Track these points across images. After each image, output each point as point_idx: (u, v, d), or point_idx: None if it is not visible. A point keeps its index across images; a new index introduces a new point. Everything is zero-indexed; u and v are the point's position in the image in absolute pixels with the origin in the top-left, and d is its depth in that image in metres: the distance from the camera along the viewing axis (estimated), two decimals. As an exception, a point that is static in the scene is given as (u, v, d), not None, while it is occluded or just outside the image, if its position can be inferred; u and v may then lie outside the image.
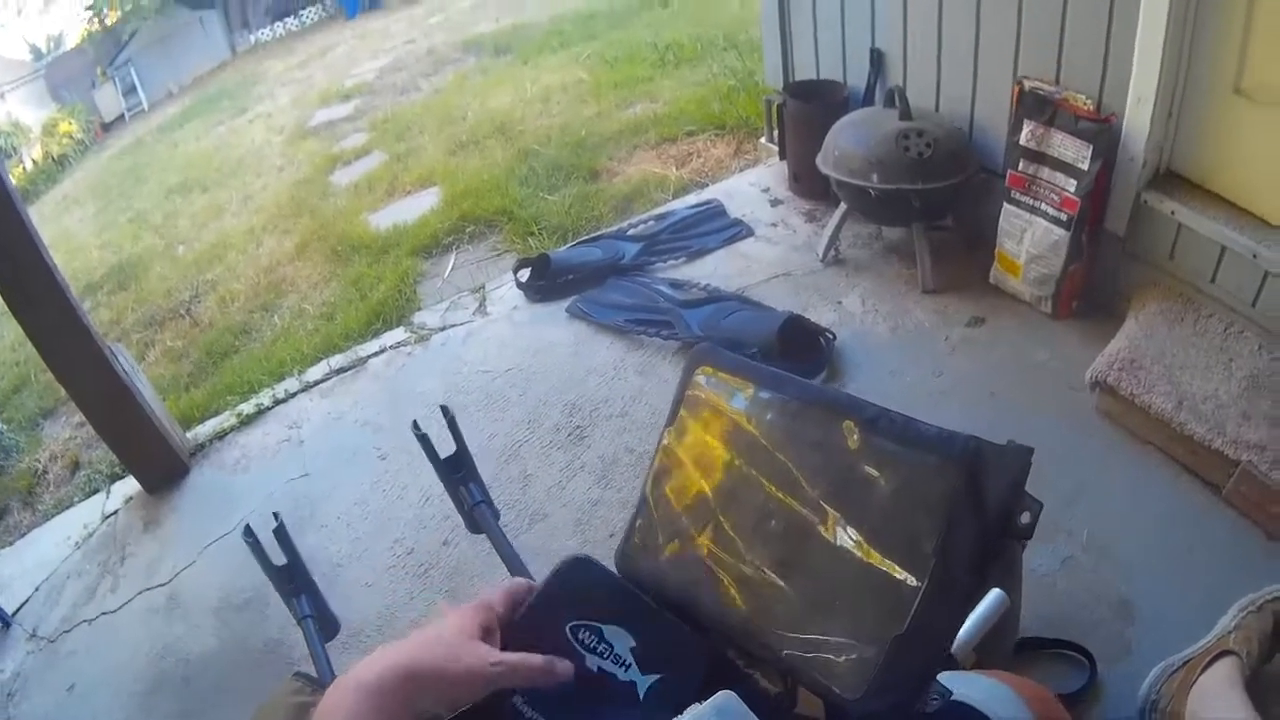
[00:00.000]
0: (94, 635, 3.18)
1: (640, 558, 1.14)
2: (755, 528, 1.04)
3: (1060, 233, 3.12)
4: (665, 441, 1.18)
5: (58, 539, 3.74)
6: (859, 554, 0.96)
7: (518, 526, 3.00)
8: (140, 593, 3.26)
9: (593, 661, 1.00)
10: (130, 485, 3.83)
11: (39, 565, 3.61)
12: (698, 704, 0.90)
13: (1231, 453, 2.47)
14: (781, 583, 1.00)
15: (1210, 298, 2.92)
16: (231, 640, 2.95)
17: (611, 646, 1.01)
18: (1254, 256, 2.68)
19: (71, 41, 19.42)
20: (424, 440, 1.56)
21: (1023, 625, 2.19)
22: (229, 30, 19.54)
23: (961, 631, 1.21)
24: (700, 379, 1.16)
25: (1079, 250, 3.14)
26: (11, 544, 3.97)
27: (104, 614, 3.23)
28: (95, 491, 4.03)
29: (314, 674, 1.72)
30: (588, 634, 1.01)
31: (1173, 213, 2.89)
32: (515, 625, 1.00)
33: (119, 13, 18.55)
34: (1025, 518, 0.90)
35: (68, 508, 4.03)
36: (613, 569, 1.09)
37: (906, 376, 3.27)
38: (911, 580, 0.92)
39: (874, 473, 0.98)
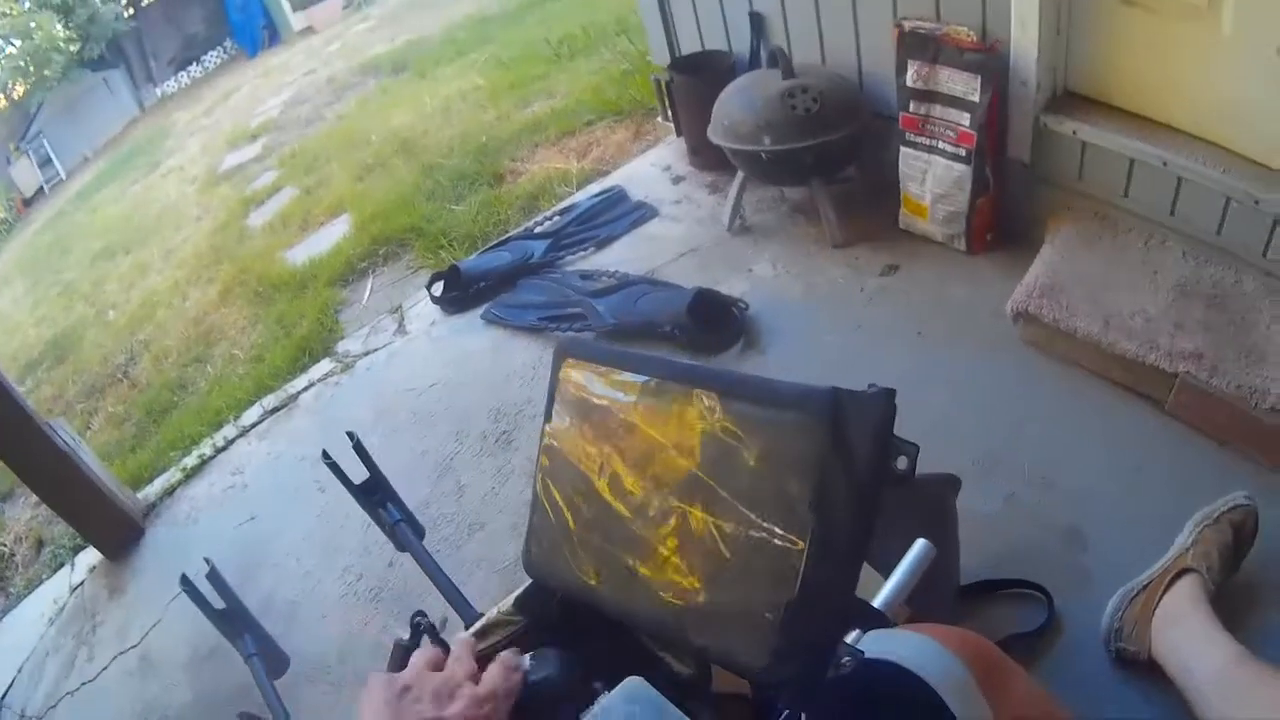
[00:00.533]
0: (78, 706, 3.24)
1: (543, 560, 1.20)
2: (641, 512, 1.07)
3: (961, 168, 3.11)
4: (546, 440, 1.22)
5: (32, 618, 3.80)
6: (741, 524, 0.97)
7: (458, 538, 3.06)
8: (115, 658, 3.32)
9: None
10: (92, 554, 3.89)
11: (18, 647, 3.66)
12: (606, 693, 0.95)
13: (1168, 365, 2.45)
14: (676, 564, 1.02)
15: (1126, 212, 2.89)
16: (205, 691, 3.02)
17: None
18: (1164, 164, 2.64)
19: (-20, 122, 19.18)
20: (335, 469, 1.60)
21: (971, 568, 2.19)
22: (134, 87, 19.29)
23: (887, 587, 1.26)
24: (569, 372, 1.20)
25: (984, 183, 3.12)
26: (-9, 631, 4.02)
27: (84, 684, 3.29)
28: (61, 566, 4.07)
29: (265, 711, 1.76)
30: None
31: (1075, 132, 2.86)
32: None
33: (24, 86, 18.34)
34: (901, 462, 0.90)
35: (38, 586, 4.07)
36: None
37: (826, 335, 3.27)
38: (795, 543, 0.92)
39: (738, 440, 0.99)
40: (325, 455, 1.60)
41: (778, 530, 0.94)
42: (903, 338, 3.12)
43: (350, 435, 1.63)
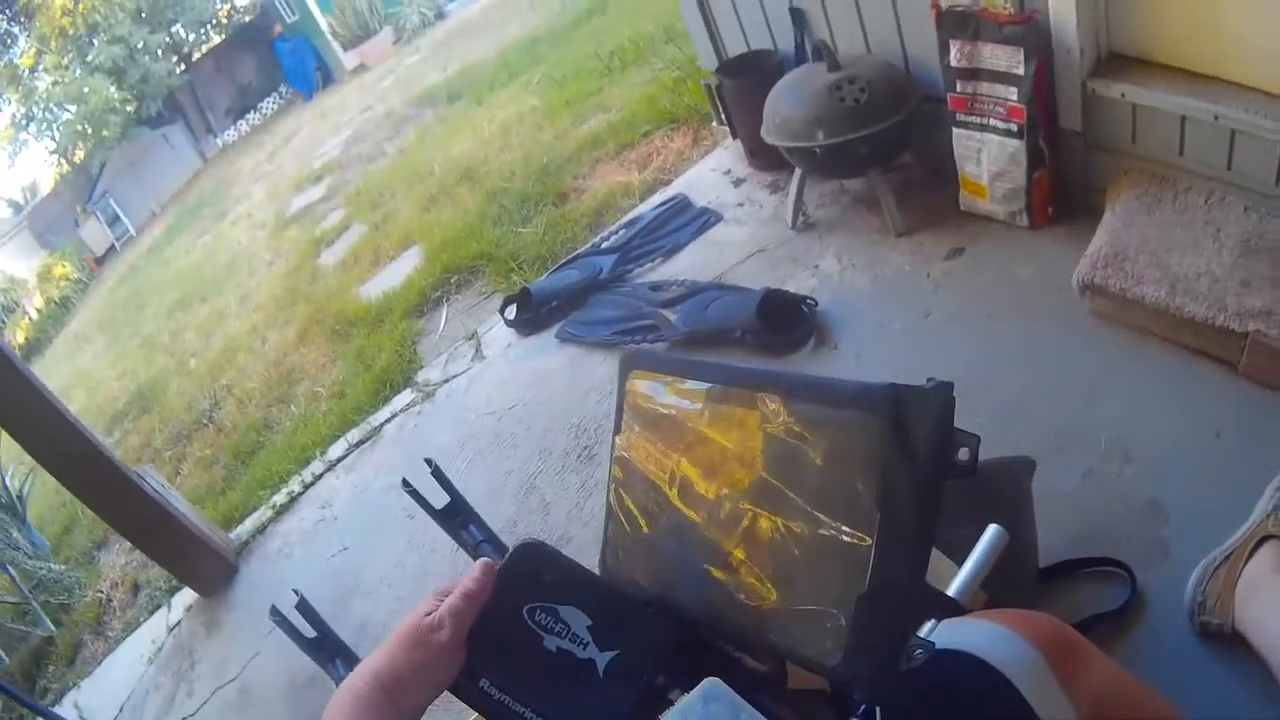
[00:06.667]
0: None
1: (620, 568, 1.23)
2: (712, 517, 1.10)
3: (1015, 143, 3.03)
4: (617, 451, 1.25)
5: (132, 659, 3.90)
6: (809, 523, 0.99)
7: None
8: (214, 692, 3.39)
9: (551, 642, 1.06)
10: (188, 594, 3.97)
11: (119, 687, 3.77)
12: (684, 694, 0.96)
13: (1238, 325, 2.35)
14: (748, 565, 1.05)
15: (1184, 171, 2.78)
16: (304, 718, 3.07)
17: (569, 626, 1.07)
18: (1215, 119, 2.54)
19: (46, 187, 19.66)
20: (415, 495, 1.61)
21: (1053, 548, 2.16)
22: (195, 139, 19.71)
23: (961, 574, 1.24)
24: (636, 384, 1.23)
25: (1039, 156, 3.04)
26: (91, 673, 4.12)
27: (185, 719, 3.37)
28: (158, 607, 4.17)
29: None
30: (544, 615, 1.08)
31: (1123, 95, 2.76)
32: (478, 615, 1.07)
33: (84, 149, 18.74)
34: (964, 454, 0.92)
35: (135, 628, 4.18)
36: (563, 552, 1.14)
37: (896, 324, 3.22)
38: (863, 539, 0.94)
39: (802, 440, 1.02)
40: (405, 483, 1.61)
41: (845, 528, 0.96)
42: (972, 321, 3.05)
43: (428, 462, 1.63)
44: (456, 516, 1.63)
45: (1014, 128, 3.02)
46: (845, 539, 0.96)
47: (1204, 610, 1.94)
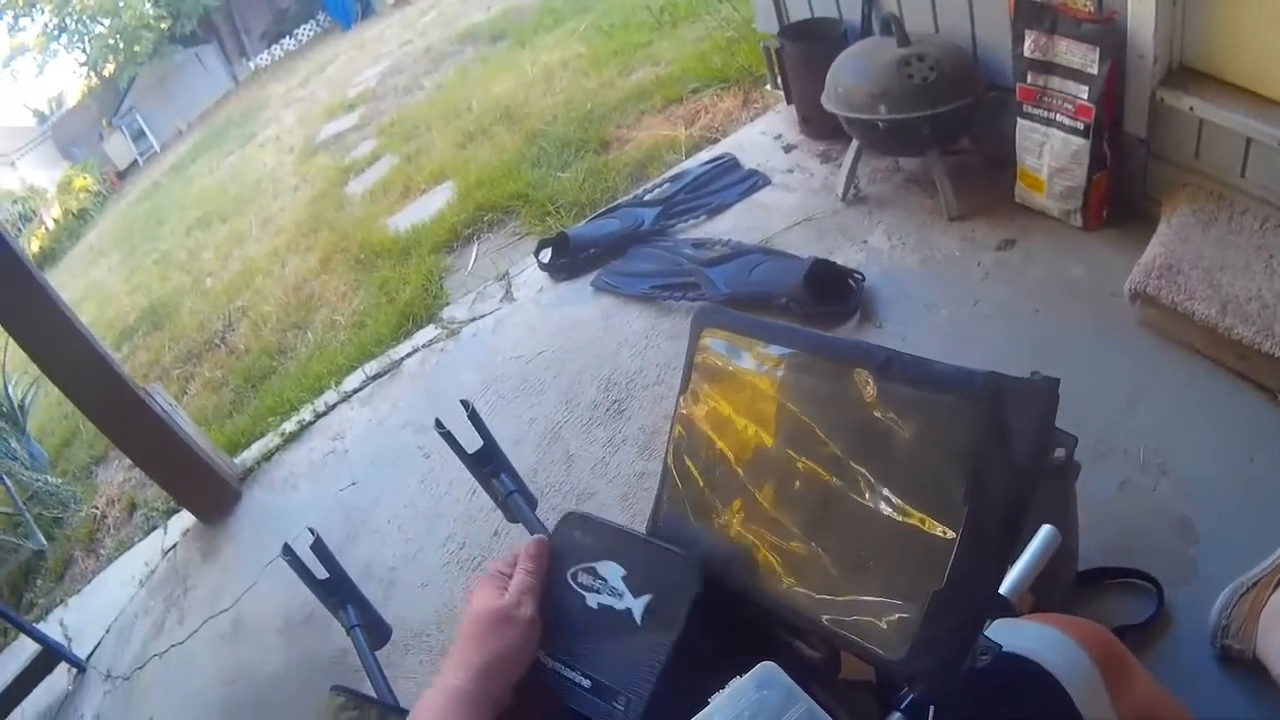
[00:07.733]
0: (166, 668, 3.23)
1: (671, 535, 1.13)
2: (780, 492, 1.03)
3: (1079, 142, 2.99)
4: (682, 410, 1.17)
5: (123, 580, 3.81)
6: (888, 510, 0.94)
7: (566, 507, 2.90)
8: (206, 621, 3.30)
9: (592, 599, 1.07)
10: (186, 518, 3.88)
11: (108, 608, 3.69)
12: (739, 678, 0.90)
13: None
14: (813, 547, 0.99)
15: (1242, 193, 2.76)
16: (299, 657, 2.98)
17: (606, 580, 1.07)
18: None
19: (72, 99, 19.65)
20: (449, 438, 1.51)
21: (1083, 555, 2.13)
22: (227, 61, 19.67)
23: (1013, 574, 1.17)
24: (708, 342, 1.16)
25: (1101, 158, 3.01)
26: (80, 591, 4.05)
27: (174, 646, 3.29)
28: (153, 529, 4.08)
29: (364, 683, 1.69)
30: (585, 575, 1.09)
31: (1192, 108, 2.72)
32: None
33: (115, 63, 18.69)
34: (1059, 454, 0.93)
35: (129, 548, 4.10)
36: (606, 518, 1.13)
37: (942, 309, 3.16)
38: (945, 532, 0.89)
39: (892, 421, 0.95)
40: (438, 424, 1.50)
41: (928, 519, 0.91)
42: (1019, 314, 3.01)
43: (465, 404, 1.54)
44: (488, 464, 1.54)
45: (1080, 126, 2.99)
46: (926, 530, 0.91)
47: (1227, 634, 1.95)
